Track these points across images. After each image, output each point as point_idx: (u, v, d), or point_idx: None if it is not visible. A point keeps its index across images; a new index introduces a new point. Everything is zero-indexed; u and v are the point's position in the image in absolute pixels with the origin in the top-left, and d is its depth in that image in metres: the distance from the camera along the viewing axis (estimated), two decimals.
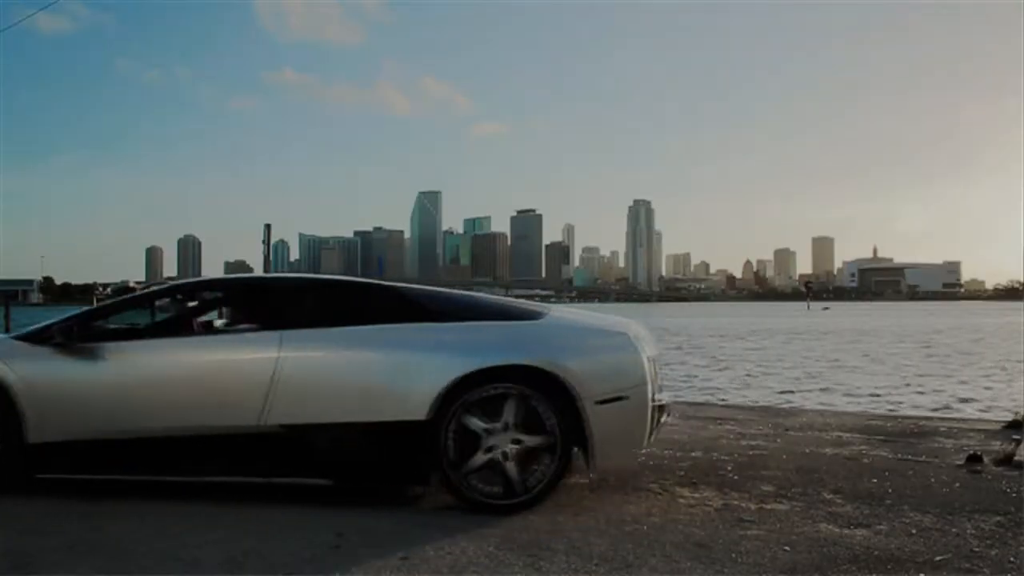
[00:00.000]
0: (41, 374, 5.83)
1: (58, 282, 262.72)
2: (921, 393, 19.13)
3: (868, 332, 57.28)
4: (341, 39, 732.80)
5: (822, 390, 19.97)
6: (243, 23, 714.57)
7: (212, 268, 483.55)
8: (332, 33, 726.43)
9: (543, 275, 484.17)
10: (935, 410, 14.77)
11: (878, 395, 18.55)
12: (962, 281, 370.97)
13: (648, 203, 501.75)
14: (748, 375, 24.21)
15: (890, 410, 14.55)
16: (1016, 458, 7.02)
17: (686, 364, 28.48)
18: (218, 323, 6.91)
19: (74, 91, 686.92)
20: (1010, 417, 10.01)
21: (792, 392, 19.49)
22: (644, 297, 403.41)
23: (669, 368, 27.13)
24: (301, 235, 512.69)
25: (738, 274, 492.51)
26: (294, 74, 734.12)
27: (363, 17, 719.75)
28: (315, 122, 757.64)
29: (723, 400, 16.69)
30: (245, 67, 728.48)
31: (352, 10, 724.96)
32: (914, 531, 5.04)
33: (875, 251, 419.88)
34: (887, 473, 6.74)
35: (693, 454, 7.72)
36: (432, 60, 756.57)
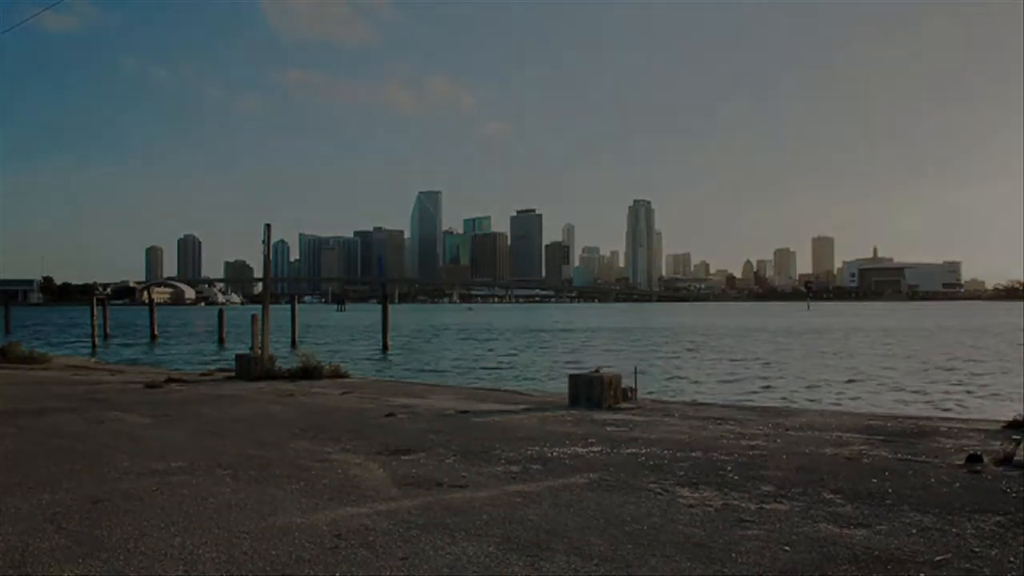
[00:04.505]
0: None
1: (58, 282, 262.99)
2: None
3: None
4: (349, 38, 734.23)
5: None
6: (250, 22, 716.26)
7: (212, 268, 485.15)
8: (340, 32, 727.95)
9: (543, 275, 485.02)
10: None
11: None
12: (962, 281, 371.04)
13: (648, 203, 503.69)
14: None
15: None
16: (1016, 458, 7.03)
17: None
18: None
19: (77, 90, 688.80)
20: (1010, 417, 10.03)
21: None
22: (644, 297, 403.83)
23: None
24: (301, 235, 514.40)
25: (738, 274, 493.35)
26: (300, 73, 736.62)
27: (371, 16, 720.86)
28: (318, 121, 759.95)
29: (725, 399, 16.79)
30: (251, 66, 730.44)
31: (360, 9, 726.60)
32: (914, 531, 5.04)
33: (875, 251, 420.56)
34: (887, 473, 6.74)
35: (693, 454, 7.72)
36: (440, 59, 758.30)
